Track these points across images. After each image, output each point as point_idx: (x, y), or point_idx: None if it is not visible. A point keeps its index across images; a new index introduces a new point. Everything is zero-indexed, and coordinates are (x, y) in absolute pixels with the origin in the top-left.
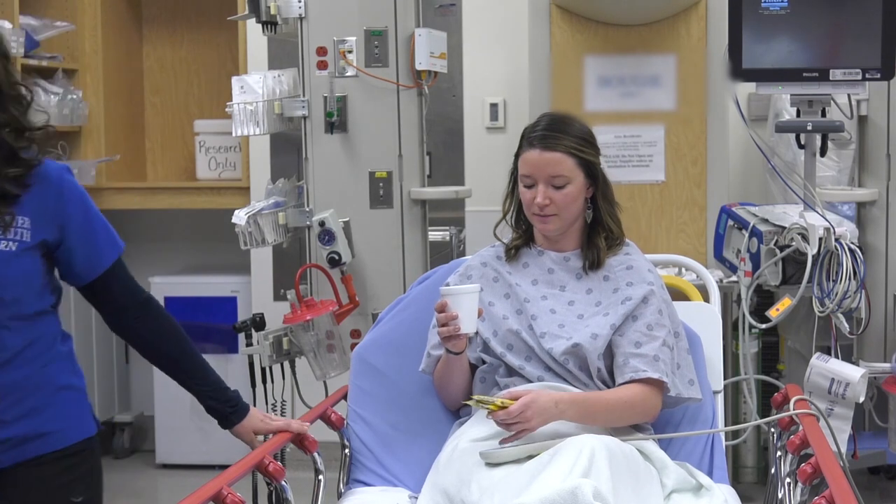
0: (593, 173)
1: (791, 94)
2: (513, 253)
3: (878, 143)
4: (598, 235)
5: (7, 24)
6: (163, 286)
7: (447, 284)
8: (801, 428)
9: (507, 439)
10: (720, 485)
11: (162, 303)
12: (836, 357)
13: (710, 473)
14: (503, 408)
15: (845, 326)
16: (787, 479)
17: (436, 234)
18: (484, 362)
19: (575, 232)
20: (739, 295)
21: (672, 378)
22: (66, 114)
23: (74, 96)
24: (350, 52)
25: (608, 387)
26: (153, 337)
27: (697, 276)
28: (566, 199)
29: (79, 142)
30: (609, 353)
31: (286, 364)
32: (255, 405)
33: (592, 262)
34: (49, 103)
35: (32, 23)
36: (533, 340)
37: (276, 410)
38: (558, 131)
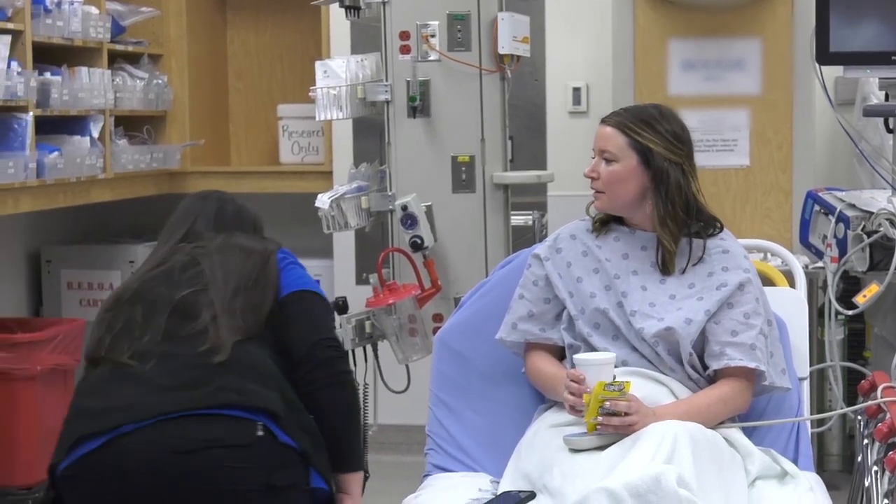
0: (649, 161)
1: (879, 78)
2: (598, 225)
3: None
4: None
5: (94, 10)
6: None
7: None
8: (888, 416)
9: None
10: (805, 472)
11: None
12: None
13: (795, 461)
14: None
15: None
16: (874, 468)
17: (518, 219)
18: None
19: (646, 217)
20: (825, 281)
21: (767, 367)
22: (152, 98)
23: (159, 81)
24: (433, 36)
25: (698, 373)
26: None
27: (783, 262)
28: (610, 176)
29: (164, 126)
30: (701, 340)
31: (369, 347)
32: None
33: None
34: (135, 88)
35: (118, 8)
36: (621, 319)
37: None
38: (625, 110)
